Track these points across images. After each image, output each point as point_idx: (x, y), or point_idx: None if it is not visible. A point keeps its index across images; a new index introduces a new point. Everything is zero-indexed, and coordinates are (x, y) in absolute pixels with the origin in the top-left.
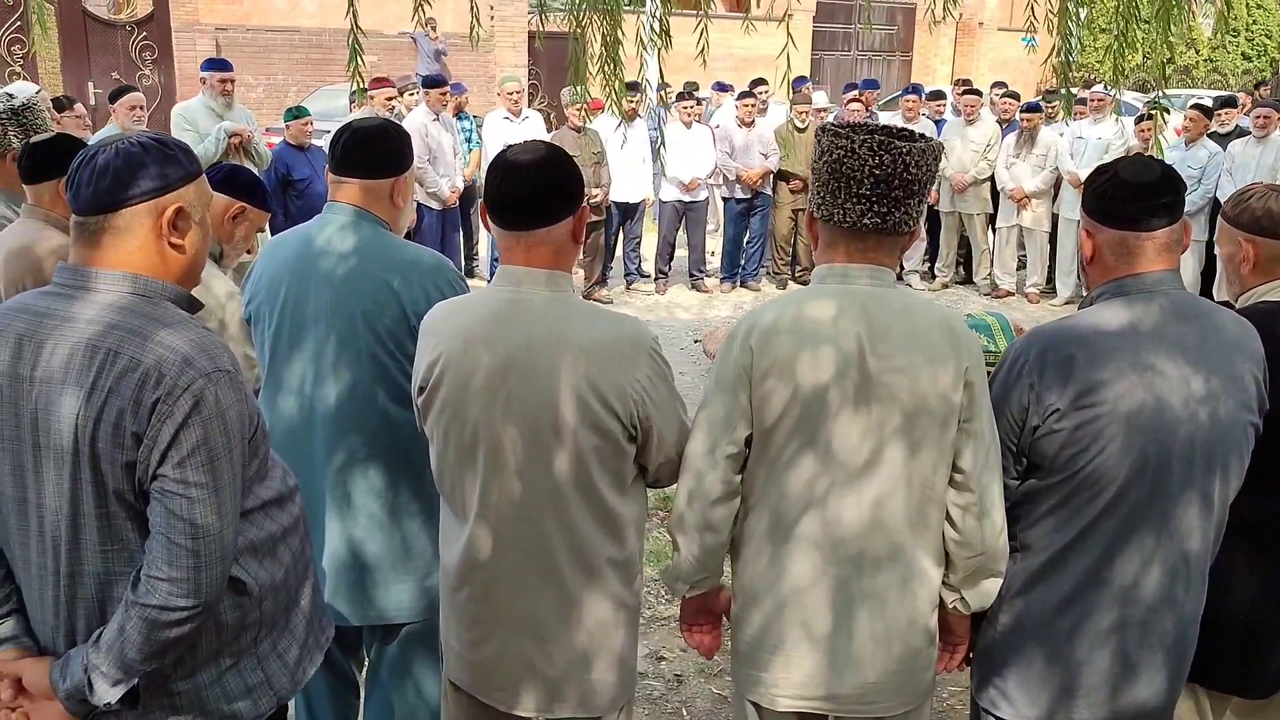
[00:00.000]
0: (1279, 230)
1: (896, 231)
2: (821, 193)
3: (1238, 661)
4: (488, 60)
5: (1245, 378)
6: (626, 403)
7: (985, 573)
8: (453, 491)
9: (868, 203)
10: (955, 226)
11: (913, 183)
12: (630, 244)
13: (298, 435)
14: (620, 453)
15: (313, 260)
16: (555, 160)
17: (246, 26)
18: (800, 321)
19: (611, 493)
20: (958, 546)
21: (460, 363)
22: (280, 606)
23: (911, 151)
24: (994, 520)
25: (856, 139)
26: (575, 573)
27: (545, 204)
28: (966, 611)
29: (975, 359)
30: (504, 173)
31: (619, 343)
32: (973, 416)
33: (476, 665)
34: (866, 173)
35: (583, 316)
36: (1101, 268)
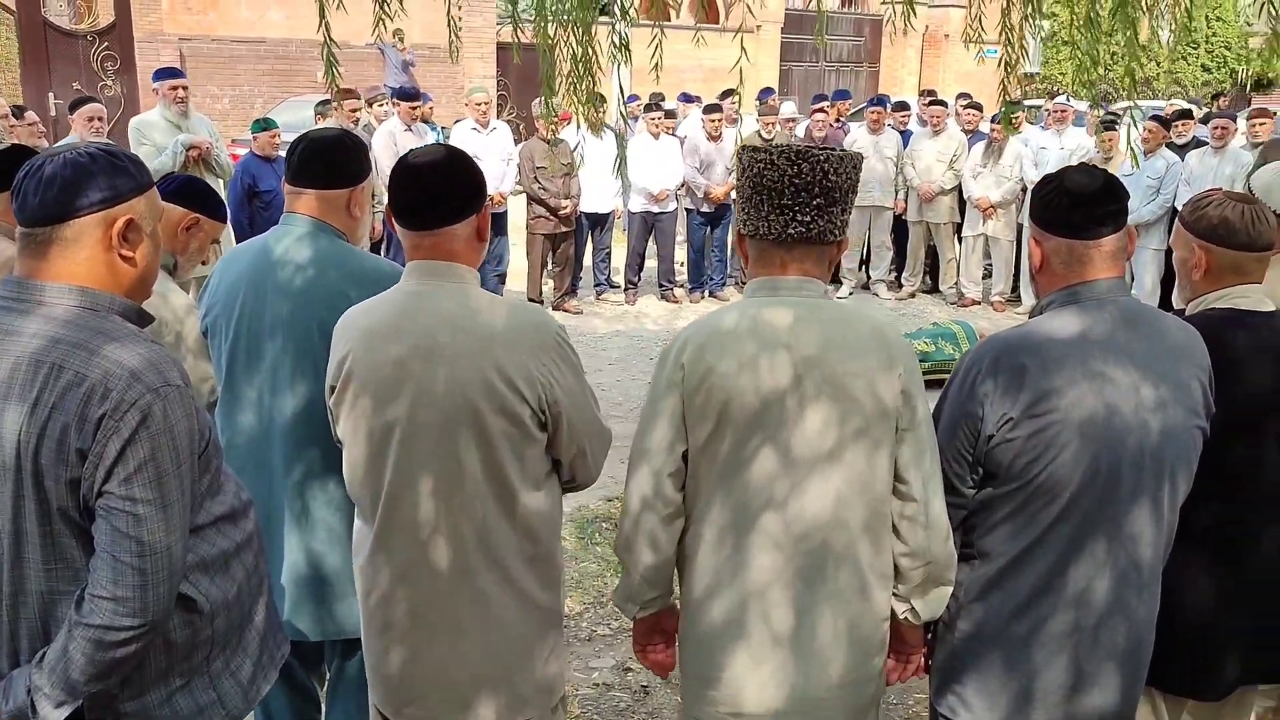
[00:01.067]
0: (1233, 239)
1: (822, 240)
2: (746, 208)
3: (1191, 665)
4: (456, 71)
5: (1192, 384)
6: (534, 386)
7: (935, 581)
8: (362, 492)
9: (790, 212)
10: (922, 236)
11: (833, 190)
12: (600, 255)
13: (256, 448)
14: (531, 440)
15: (270, 271)
16: (454, 162)
17: (211, 37)
18: (730, 336)
19: (523, 485)
20: (906, 557)
21: (366, 359)
22: (233, 624)
23: (830, 159)
24: (940, 528)
25: (774, 152)
26: (486, 568)
27: (445, 205)
28: (918, 622)
29: (910, 367)
30: (404, 176)
31: (524, 328)
32: (912, 425)
33: (387, 678)
34: (786, 182)
35: (487, 304)
36: (1050, 276)
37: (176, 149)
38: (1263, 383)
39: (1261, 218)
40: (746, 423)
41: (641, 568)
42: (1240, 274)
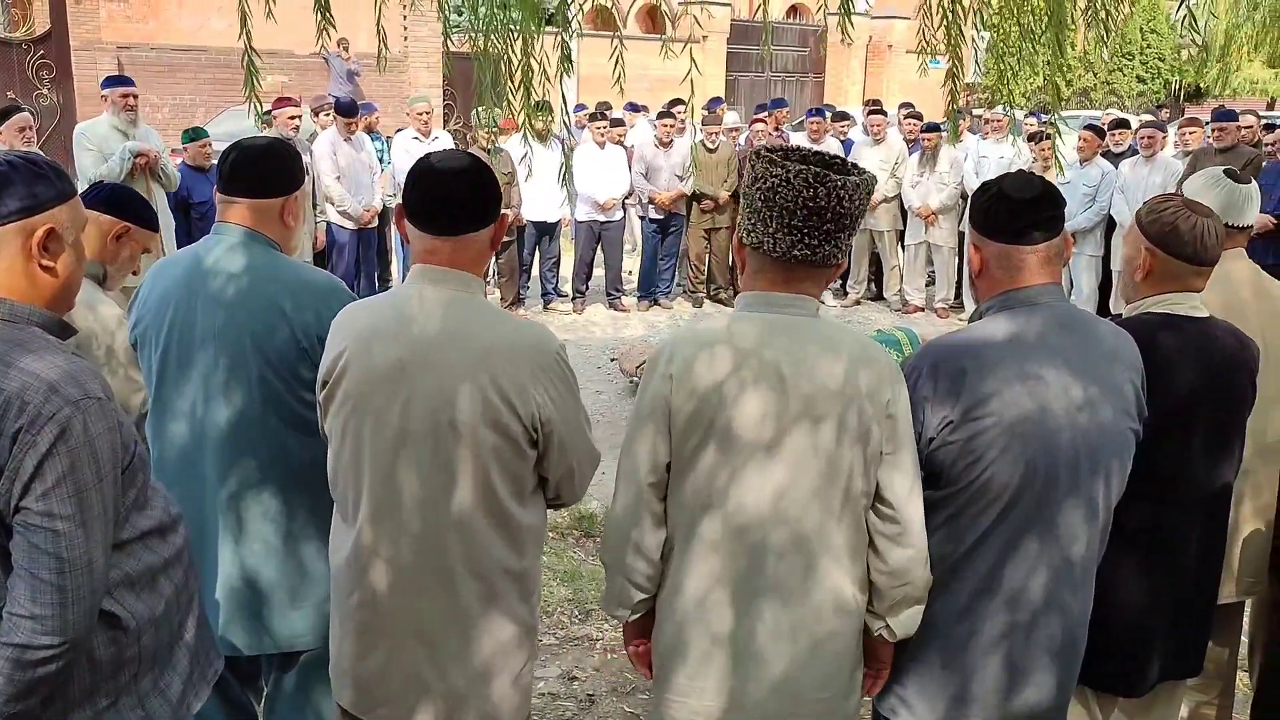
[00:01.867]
0: (1180, 251)
1: (825, 264)
2: (753, 219)
3: (1122, 663)
4: (402, 81)
5: (1125, 386)
6: (529, 404)
7: (911, 601)
8: (345, 490)
9: (799, 234)
10: (866, 244)
11: (844, 216)
12: (547, 264)
13: (187, 461)
14: (521, 456)
15: (201, 282)
16: (481, 168)
17: (151, 45)
18: (720, 349)
19: (510, 498)
20: (885, 576)
21: (362, 358)
22: (162, 641)
23: (846, 185)
24: (921, 549)
25: (792, 169)
26: (470, 580)
27: (475, 210)
28: (893, 639)
29: (897, 389)
30: (431, 179)
31: (524, 344)
32: (897, 448)
33: (362, 679)
34: (800, 204)
35: (490, 316)
36: (989, 281)
37: (124, 156)
38: (1190, 385)
39: (1211, 232)
40: (733, 436)
41: (629, 573)
42: (1177, 282)
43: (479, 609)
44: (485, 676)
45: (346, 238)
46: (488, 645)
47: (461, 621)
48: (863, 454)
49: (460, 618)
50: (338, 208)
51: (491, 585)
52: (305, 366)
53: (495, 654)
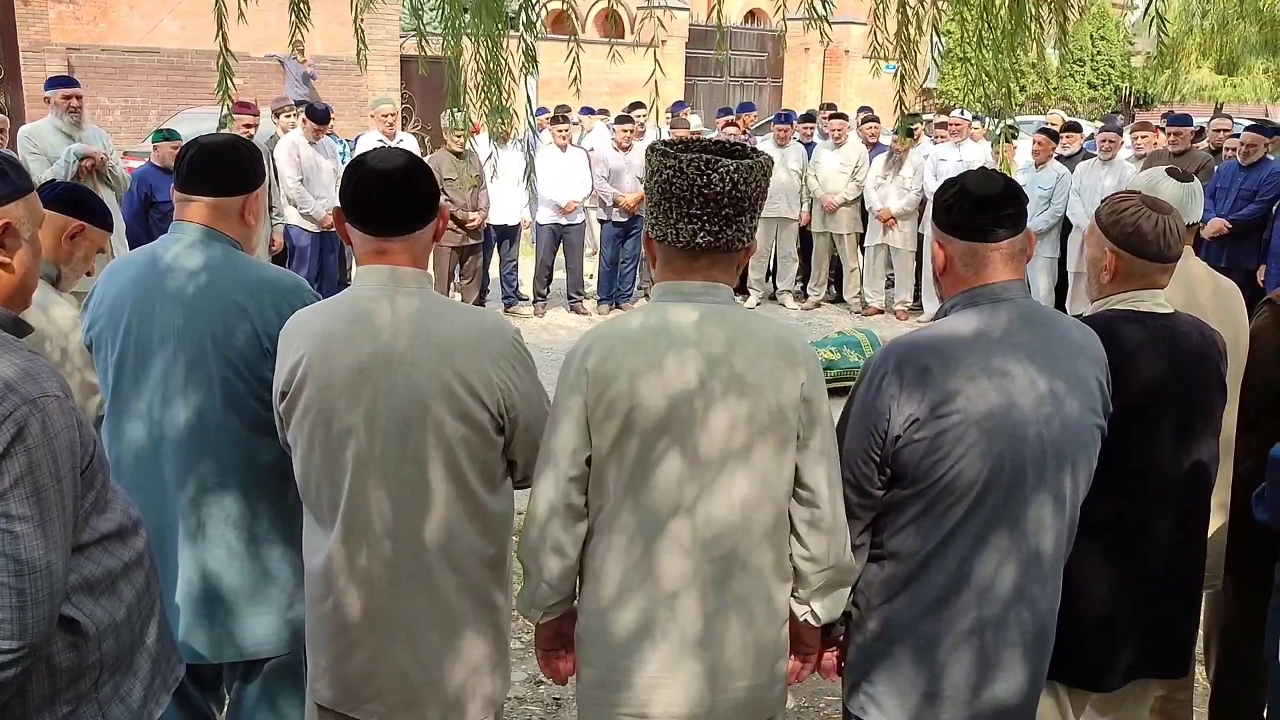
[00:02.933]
0: (1144, 250)
1: (730, 249)
2: (654, 213)
3: (1093, 657)
4: (359, 84)
5: (1090, 381)
6: (493, 391)
7: (835, 585)
8: (318, 496)
9: (699, 222)
10: (826, 247)
11: (742, 200)
12: (507, 267)
13: (146, 465)
14: (489, 444)
15: (158, 282)
16: (418, 164)
17: (101, 47)
18: (634, 338)
19: (482, 487)
20: (807, 562)
21: (322, 363)
22: (123, 647)
23: (739, 169)
24: (840, 533)
25: (684, 159)
26: (447, 571)
27: (417, 208)
28: (818, 624)
29: (813, 375)
30: (369, 179)
31: (483, 334)
32: (814, 432)
33: (344, 679)
34: (695, 192)
35: (446, 310)
36: (953, 278)
37: (69, 159)
38: (1155, 379)
39: (1172, 230)
40: (653, 426)
41: (546, 574)
42: (1143, 280)
43: (459, 601)
44: (461, 662)
45: (308, 240)
46: (468, 636)
47: (443, 615)
48: (780, 441)
49: (441, 611)
50: (300, 210)
51: (469, 576)
52: (268, 367)
53: (476, 641)
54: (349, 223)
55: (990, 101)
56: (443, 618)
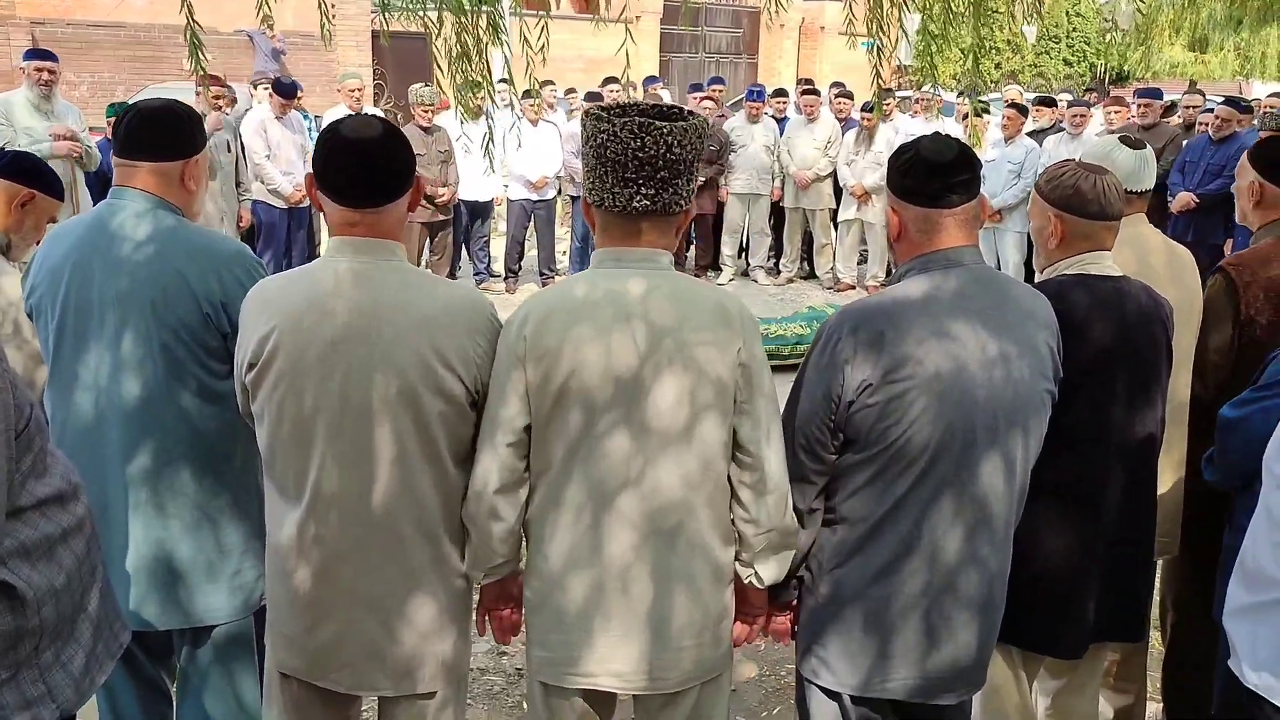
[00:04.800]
0: (1086, 209)
1: (668, 211)
2: (590, 178)
3: (1048, 621)
4: (329, 60)
5: (1041, 346)
6: (470, 366)
7: (778, 547)
8: (285, 470)
9: (635, 185)
10: (799, 223)
11: (678, 162)
12: (479, 243)
13: (89, 435)
14: (464, 418)
15: (97, 248)
16: (394, 133)
17: (67, 21)
18: (573, 306)
19: (453, 461)
20: (748, 524)
21: (295, 335)
22: (63, 613)
23: (673, 131)
24: (780, 495)
25: (618, 123)
26: (419, 544)
27: (393, 179)
28: (761, 586)
29: (750, 338)
30: (343, 149)
31: (461, 308)
32: (752, 395)
33: (312, 649)
34: (630, 156)
35: (423, 284)
36: (907, 244)
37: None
38: (1106, 341)
39: (1111, 188)
40: (594, 394)
41: (485, 536)
42: (1091, 241)
43: (429, 572)
44: (430, 634)
45: (276, 216)
46: (436, 606)
47: (412, 586)
48: (720, 406)
49: (411, 582)
50: (267, 186)
51: (439, 548)
52: (211, 334)
53: (444, 611)
54: (321, 192)
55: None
56: (412, 588)
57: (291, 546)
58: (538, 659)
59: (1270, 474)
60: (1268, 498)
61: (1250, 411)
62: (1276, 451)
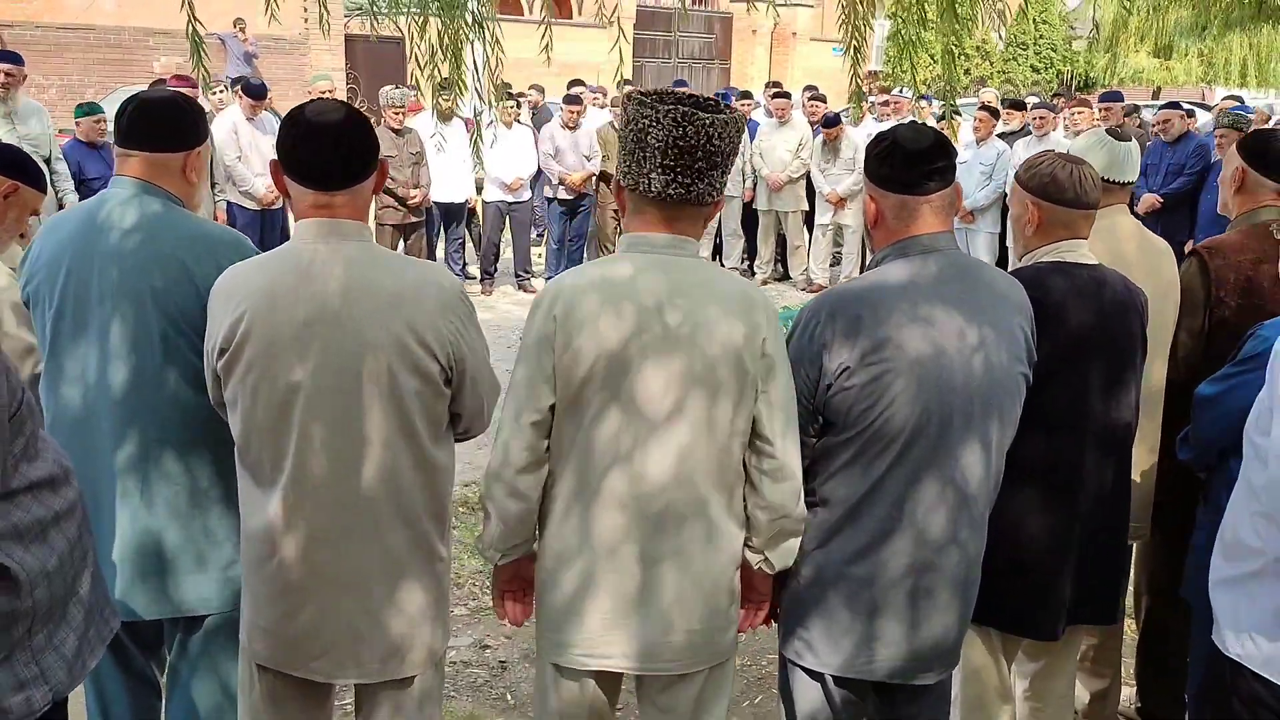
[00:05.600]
0: (1062, 197)
1: (700, 202)
2: (628, 161)
3: (1025, 603)
4: (303, 63)
5: (1015, 330)
6: (444, 344)
7: (787, 534)
8: (260, 455)
9: (672, 173)
10: (772, 224)
11: (715, 154)
12: (454, 245)
13: (83, 422)
14: (439, 396)
15: (96, 237)
16: (357, 116)
17: (36, 24)
18: (602, 287)
19: (429, 439)
20: (762, 510)
21: (267, 319)
22: (55, 596)
23: (714, 123)
24: (795, 483)
25: (661, 109)
26: (396, 525)
27: (352, 163)
28: (771, 571)
29: (773, 328)
30: (308, 133)
31: (431, 287)
32: (772, 383)
33: (291, 638)
34: (671, 143)
35: (392, 262)
36: (885, 231)
37: None
38: (1084, 326)
39: (1088, 178)
40: (617, 372)
41: (506, 516)
42: (1067, 229)
43: (407, 554)
44: (409, 617)
45: (249, 218)
46: (416, 588)
47: (391, 568)
48: (741, 392)
49: (390, 564)
50: (239, 188)
51: (417, 528)
52: None
53: (423, 594)
54: (287, 177)
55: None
56: (391, 570)
57: (268, 532)
58: (548, 640)
59: (1250, 444)
60: (1247, 468)
61: (1227, 387)
62: (1255, 422)
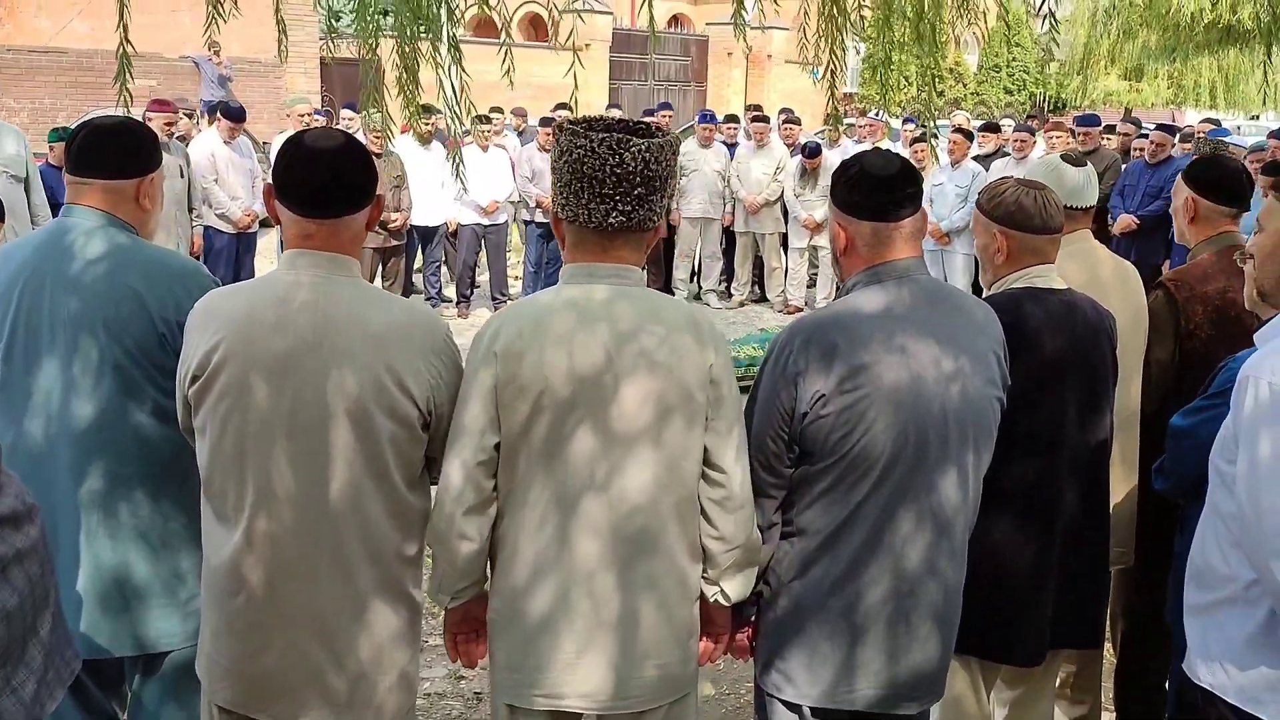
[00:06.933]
0: (1029, 224)
1: (642, 228)
2: (564, 193)
3: (1004, 629)
4: (278, 86)
5: (989, 356)
6: (423, 387)
7: (744, 564)
8: (224, 487)
9: (611, 201)
10: (749, 246)
11: (654, 179)
12: (430, 268)
13: (39, 457)
14: (416, 440)
15: (49, 266)
16: (356, 146)
17: (7, 47)
18: (544, 323)
19: (404, 483)
20: (715, 541)
21: (245, 348)
22: (14, 636)
23: (650, 148)
24: (746, 512)
25: (595, 138)
26: (366, 566)
27: (353, 191)
28: (727, 604)
29: (721, 355)
30: (306, 159)
31: (415, 327)
32: (721, 412)
33: (253, 678)
34: (608, 172)
35: (379, 301)
36: (854, 258)
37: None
38: (1058, 351)
39: (1051, 202)
40: (563, 404)
41: (454, 559)
42: (1036, 255)
43: (375, 595)
44: (381, 661)
45: (225, 242)
46: (383, 631)
47: (358, 609)
48: (689, 421)
49: (357, 605)
50: (215, 211)
51: (388, 570)
52: (166, 353)
53: (391, 638)
54: (278, 201)
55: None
56: (359, 611)
57: (231, 568)
58: (503, 680)
59: (1216, 471)
60: (1214, 495)
61: (1201, 420)
62: (1220, 450)
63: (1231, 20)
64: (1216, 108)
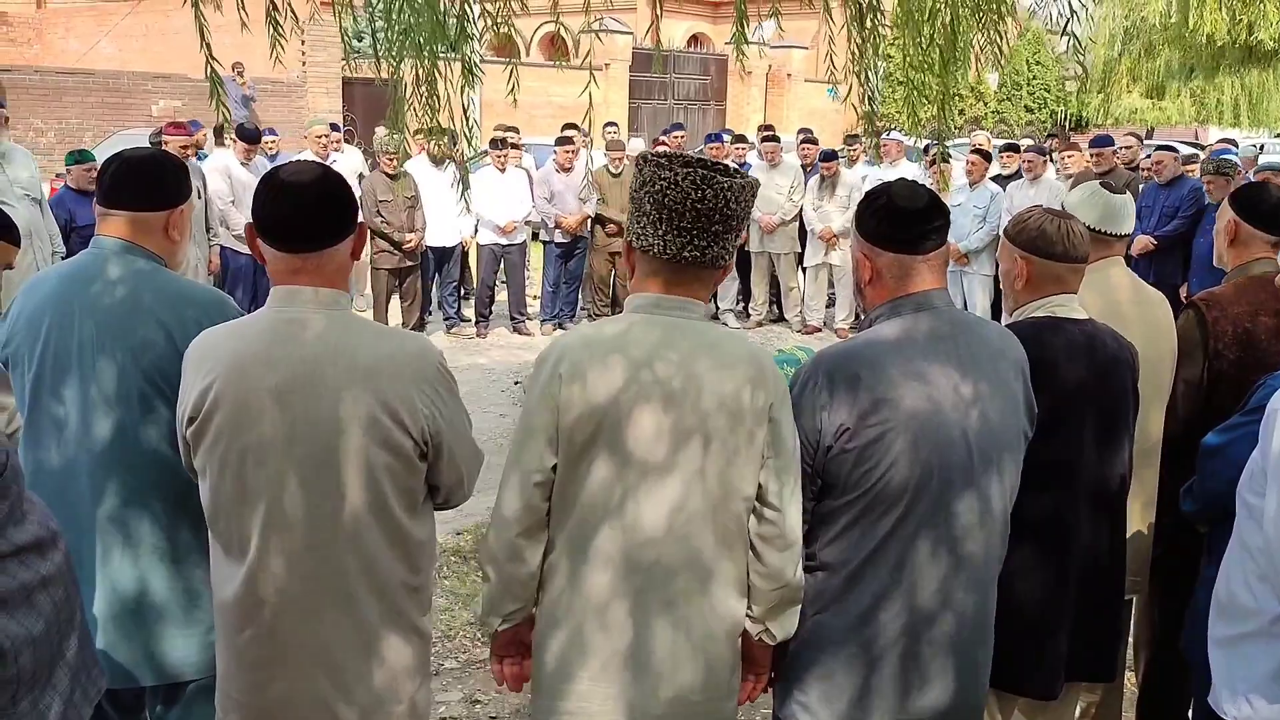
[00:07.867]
0: (1052, 251)
1: (714, 265)
2: (642, 222)
3: (1021, 660)
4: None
5: (1012, 384)
6: (417, 418)
7: (787, 602)
8: (228, 525)
9: (688, 235)
10: (765, 267)
11: (731, 218)
12: (447, 288)
13: (63, 482)
14: (413, 471)
15: (77, 297)
16: (333, 177)
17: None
18: (608, 347)
19: (404, 514)
20: (763, 579)
21: (237, 387)
22: (40, 661)
23: (732, 187)
24: (795, 551)
25: (680, 171)
26: (371, 599)
27: (333, 223)
28: (773, 642)
29: (780, 395)
30: (282, 194)
31: (407, 357)
32: (778, 451)
33: (262, 710)
34: (689, 206)
35: (367, 333)
36: (880, 289)
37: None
38: (1079, 381)
39: (1075, 232)
40: (623, 438)
41: (505, 580)
42: (1058, 283)
43: (381, 627)
44: (391, 692)
45: (243, 262)
46: (391, 662)
47: (364, 641)
48: (747, 459)
49: (363, 637)
50: (232, 232)
51: (393, 602)
52: None
53: (400, 668)
54: (262, 240)
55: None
56: (365, 643)
57: (238, 604)
58: (544, 708)
59: (1244, 504)
60: (1241, 528)
61: (1234, 437)
62: (1248, 482)
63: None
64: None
